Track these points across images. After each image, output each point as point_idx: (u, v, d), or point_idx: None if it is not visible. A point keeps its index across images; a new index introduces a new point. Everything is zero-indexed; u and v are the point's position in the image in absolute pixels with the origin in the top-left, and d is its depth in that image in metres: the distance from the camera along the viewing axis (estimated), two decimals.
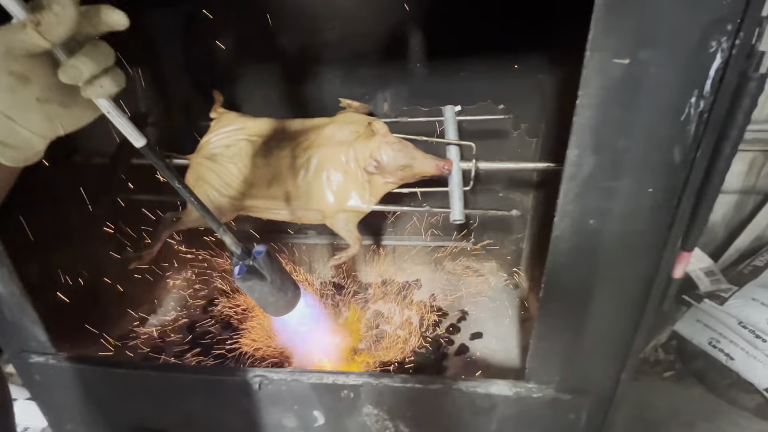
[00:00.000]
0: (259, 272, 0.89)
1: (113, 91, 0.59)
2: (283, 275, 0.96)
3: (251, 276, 0.88)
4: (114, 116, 0.63)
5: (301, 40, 1.60)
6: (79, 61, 0.53)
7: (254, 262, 0.88)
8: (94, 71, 0.55)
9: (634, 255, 0.87)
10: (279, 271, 0.95)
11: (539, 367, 1.05)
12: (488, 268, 2.07)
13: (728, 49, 0.67)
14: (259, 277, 0.89)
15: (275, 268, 0.93)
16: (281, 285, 0.95)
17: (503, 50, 1.56)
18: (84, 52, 0.54)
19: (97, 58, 0.54)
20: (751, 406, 1.94)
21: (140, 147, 0.69)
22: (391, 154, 1.25)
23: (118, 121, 0.64)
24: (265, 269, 0.89)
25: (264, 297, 0.95)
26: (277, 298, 0.96)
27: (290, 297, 0.99)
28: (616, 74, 0.71)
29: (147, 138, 0.69)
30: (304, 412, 1.23)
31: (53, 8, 0.48)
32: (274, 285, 0.92)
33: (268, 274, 0.90)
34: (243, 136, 1.39)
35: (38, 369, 1.33)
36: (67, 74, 0.54)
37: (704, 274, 1.71)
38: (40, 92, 0.55)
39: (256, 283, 0.90)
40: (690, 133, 0.74)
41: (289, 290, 0.99)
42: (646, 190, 0.80)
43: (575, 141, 0.77)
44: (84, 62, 0.53)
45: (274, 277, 0.92)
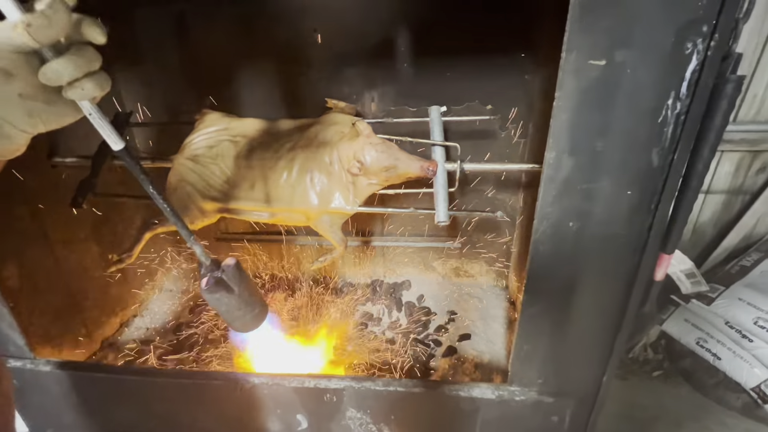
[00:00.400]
0: (227, 284, 0.87)
1: (95, 95, 0.60)
2: (251, 290, 0.95)
3: (219, 288, 0.87)
4: (95, 118, 0.64)
5: (288, 39, 1.59)
6: (60, 65, 0.54)
7: (223, 274, 0.87)
8: (76, 75, 0.56)
9: (614, 257, 0.87)
10: (247, 286, 0.93)
11: (522, 370, 1.05)
12: (477, 269, 2.06)
13: (704, 50, 0.66)
14: (227, 290, 0.88)
15: (243, 282, 0.91)
16: (248, 299, 0.94)
17: (490, 51, 1.55)
18: (68, 56, 0.55)
19: (80, 62, 0.56)
20: (738, 405, 1.95)
21: (118, 151, 0.69)
22: (374, 155, 1.23)
23: (99, 123, 0.65)
24: (234, 282, 0.88)
25: (230, 311, 0.93)
26: (244, 313, 0.95)
27: (257, 313, 0.98)
28: (593, 76, 0.71)
29: (125, 142, 0.70)
30: (287, 416, 1.22)
31: (45, 12, 0.50)
32: (241, 299, 0.91)
33: (236, 286, 0.89)
34: (226, 136, 1.37)
35: (16, 374, 1.30)
36: (45, 76, 0.55)
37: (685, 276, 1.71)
38: (23, 88, 0.56)
39: (224, 296, 0.88)
40: (667, 135, 0.73)
41: (257, 306, 0.98)
42: (625, 192, 0.79)
43: (552, 143, 0.76)
44: (65, 66, 0.55)
45: (242, 291, 0.91)
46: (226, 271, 0.87)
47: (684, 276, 1.71)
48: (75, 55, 0.55)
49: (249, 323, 0.98)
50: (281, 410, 1.21)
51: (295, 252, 2.08)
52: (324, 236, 1.36)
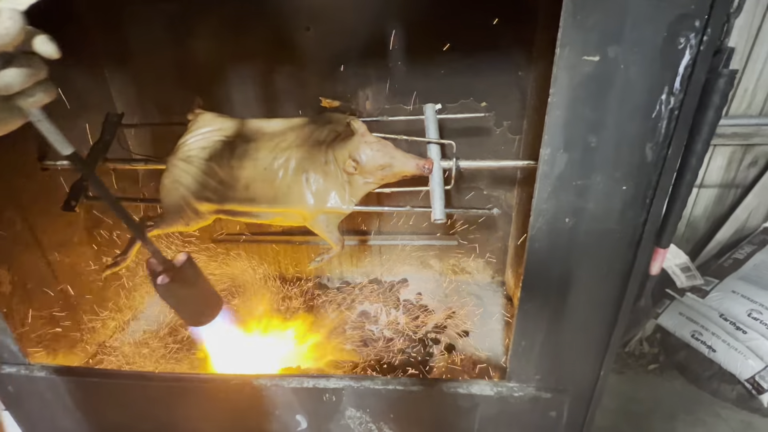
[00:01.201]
0: (181, 280, 0.88)
1: (44, 102, 0.62)
2: (204, 285, 0.96)
3: (174, 284, 0.87)
4: (43, 124, 0.66)
5: (281, 38, 1.58)
6: (11, 75, 0.56)
7: (176, 270, 0.88)
8: (26, 84, 0.57)
9: (609, 252, 0.87)
10: (200, 280, 0.94)
11: (519, 367, 1.05)
12: (474, 266, 2.07)
13: (697, 45, 0.66)
14: (180, 285, 0.88)
15: (197, 277, 0.93)
16: (202, 294, 0.95)
17: (484, 48, 1.55)
18: (18, 66, 0.56)
19: (30, 72, 0.57)
20: (732, 396, 1.98)
21: (67, 155, 0.71)
22: (370, 153, 1.23)
23: (47, 128, 0.67)
24: (188, 277, 0.89)
25: (185, 306, 0.95)
26: (198, 307, 0.96)
27: (211, 307, 0.99)
28: (586, 71, 0.71)
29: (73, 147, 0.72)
30: (285, 416, 1.21)
31: (2, 21, 0.51)
32: (195, 293, 0.92)
33: (190, 281, 0.90)
34: (220, 137, 1.36)
35: (11, 380, 1.29)
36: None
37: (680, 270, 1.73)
38: None
39: (177, 291, 0.89)
40: (661, 130, 0.74)
41: (211, 301, 0.99)
42: (620, 187, 0.80)
43: (547, 139, 0.76)
44: (16, 76, 0.56)
45: (197, 286, 0.92)
46: (179, 267, 0.88)
47: (679, 270, 1.73)
48: (25, 65, 0.57)
49: (203, 317, 0.99)
50: (280, 411, 1.20)
51: (291, 252, 2.08)
52: (321, 236, 1.35)
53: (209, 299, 0.98)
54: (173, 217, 1.34)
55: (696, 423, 1.94)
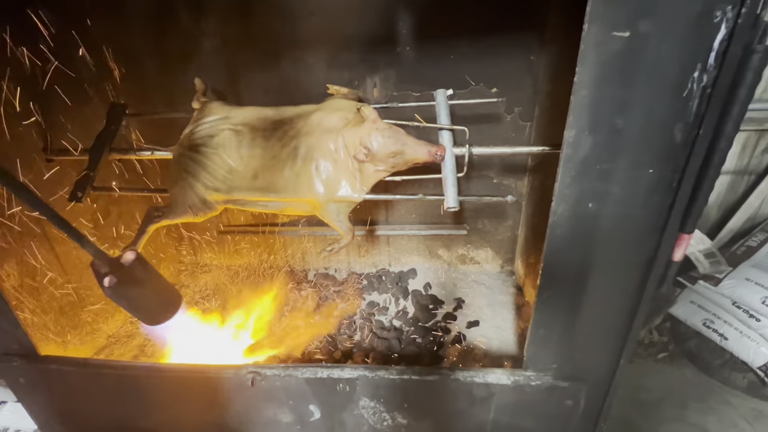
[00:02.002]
0: (131, 280, 0.86)
1: None
2: (158, 283, 0.93)
3: (122, 285, 0.85)
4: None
5: (286, 24, 1.54)
6: None
7: (123, 271, 0.85)
8: None
9: (633, 238, 0.85)
10: (153, 279, 0.92)
11: (537, 355, 1.03)
12: (483, 255, 2.05)
13: (733, 18, 0.63)
14: (132, 286, 0.86)
15: (148, 275, 0.90)
16: (156, 292, 0.93)
17: (494, 32, 1.51)
18: None
19: None
20: (743, 384, 1.97)
21: None
22: (381, 140, 1.20)
23: None
24: (138, 276, 0.87)
25: (138, 306, 0.92)
26: (153, 306, 0.93)
27: (167, 305, 0.97)
28: (615, 48, 0.67)
29: None
30: (299, 406, 1.21)
31: None
32: (147, 293, 0.90)
33: (140, 281, 0.87)
34: (227, 125, 1.33)
35: (22, 372, 1.29)
36: None
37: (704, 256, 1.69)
38: None
39: (129, 291, 0.87)
40: (692, 110, 0.71)
41: (166, 298, 0.96)
42: (646, 170, 0.77)
43: (572, 121, 0.73)
44: None
45: (148, 285, 0.89)
46: (128, 267, 0.86)
47: (702, 256, 1.69)
48: None
49: (160, 316, 0.97)
50: (293, 401, 1.20)
51: (300, 243, 2.06)
52: (331, 226, 1.33)
53: (165, 297, 0.95)
54: (181, 208, 1.32)
55: (707, 411, 1.93)
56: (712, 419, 1.90)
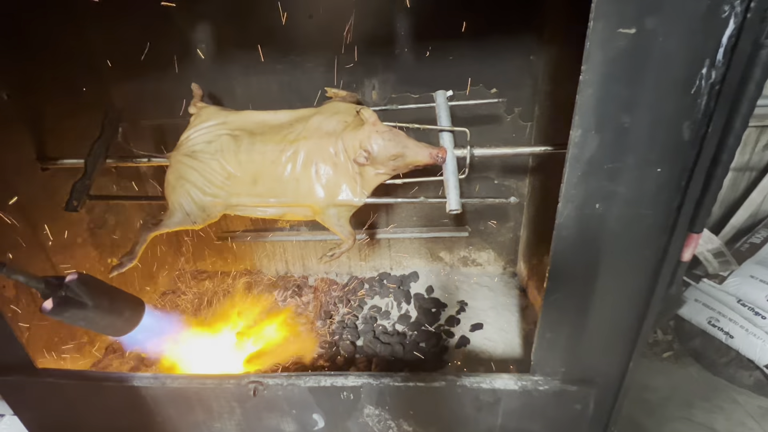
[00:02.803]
0: (75, 301, 0.84)
1: None
2: (109, 297, 0.92)
3: (66, 307, 0.83)
4: None
5: (283, 27, 1.52)
6: None
7: (67, 291, 0.84)
8: None
9: (641, 239, 0.83)
10: (102, 294, 0.90)
11: (544, 360, 1.02)
12: (485, 257, 2.03)
13: (742, 13, 0.62)
14: (77, 306, 0.85)
15: (96, 292, 0.88)
16: (109, 307, 0.91)
17: (493, 32, 1.50)
18: None
19: None
20: (750, 382, 1.95)
21: None
22: (381, 143, 1.18)
23: None
24: (83, 296, 0.85)
25: (94, 322, 0.91)
26: (111, 320, 0.92)
27: (127, 315, 0.95)
28: (622, 45, 0.66)
29: None
30: (302, 415, 1.19)
31: None
32: (99, 309, 0.88)
33: (87, 299, 0.86)
34: (225, 130, 1.31)
35: (19, 385, 1.26)
36: None
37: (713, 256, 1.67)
38: None
39: (78, 312, 0.85)
40: (700, 107, 0.69)
41: (125, 309, 0.95)
42: (654, 170, 0.75)
43: (578, 120, 0.72)
44: None
45: (97, 302, 0.88)
46: (71, 288, 0.84)
47: (711, 255, 1.67)
48: None
49: (122, 327, 0.96)
50: (296, 410, 1.17)
51: (300, 248, 2.04)
52: (331, 230, 1.31)
53: (121, 309, 0.94)
54: (179, 215, 1.30)
55: (713, 410, 1.91)
56: (720, 418, 1.88)
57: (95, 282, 0.90)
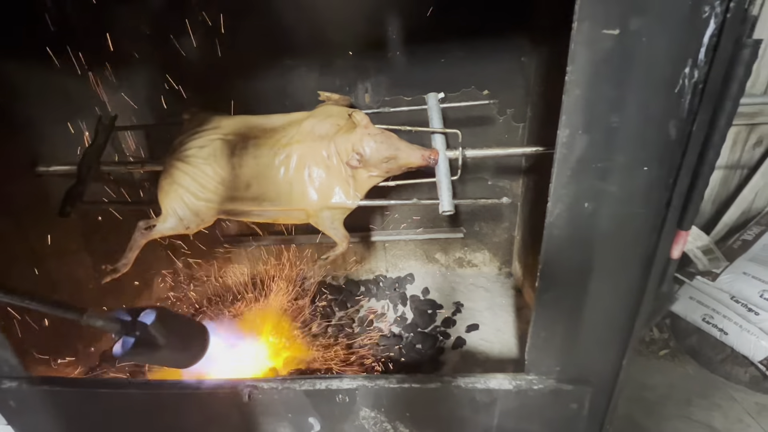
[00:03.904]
0: (150, 342, 0.78)
1: None
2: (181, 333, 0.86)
3: (140, 349, 0.77)
4: None
5: (274, 31, 1.53)
6: None
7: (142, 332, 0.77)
8: None
9: (631, 237, 0.84)
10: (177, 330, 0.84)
11: (538, 359, 1.02)
12: (481, 258, 2.04)
13: (722, 13, 0.63)
14: (151, 347, 0.78)
15: (172, 329, 0.82)
16: (179, 345, 0.85)
17: (484, 34, 1.51)
18: None
19: None
20: (746, 379, 1.96)
21: None
22: (374, 146, 1.19)
23: None
24: (159, 335, 0.79)
25: (162, 361, 0.86)
26: (179, 357, 0.88)
27: (195, 350, 0.91)
28: (606, 46, 0.67)
29: None
30: (298, 419, 1.18)
31: None
32: (171, 348, 0.82)
33: (162, 339, 0.79)
34: (217, 135, 1.31)
35: (12, 394, 1.25)
36: None
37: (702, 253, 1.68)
38: None
39: (149, 354, 0.79)
40: (685, 106, 0.70)
41: (194, 343, 0.90)
42: (642, 168, 0.76)
43: (566, 120, 0.73)
44: None
45: (169, 341, 0.81)
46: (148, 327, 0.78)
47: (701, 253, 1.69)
48: None
49: (187, 361, 0.91)
50: (292, 414, 1.17)
51: (295, 251, 2.04)
52: (325, 233, 1.31)
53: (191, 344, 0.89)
54: (172, 220, 1.30)
55: (711, 407, 1.92)
56: (717, 415, 1.89)
57: (171, 318, 0.83)
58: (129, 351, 0.76)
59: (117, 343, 0.76)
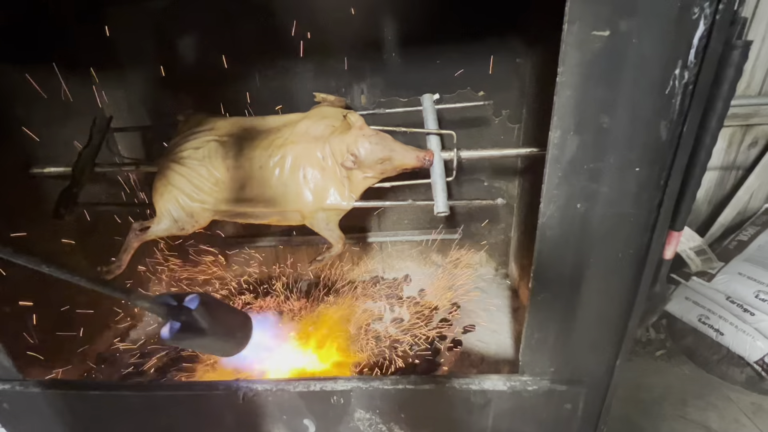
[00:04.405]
0: (194, 326, 0.79)
1: None
2: (224, 319, 0.86)
3: (186, 333, 0.77)
4: None
5: (270, 33, 1.53)
6: None
7: (187, 317, 0.78)
8: None
9: (623, 238, 0.84)
10: (220, 316, 0.85)
11: (532, 360, 1.02)
12: (477, 259, 2.04)
13: (711, 15, 0.63)
14: (196, 332, 0.79)
15: (215, 315, 0.83)
16: (224, 330, 0.85)
17: (479, 35, 1.51)
18: None
19: None
20: (742, 379, 1.97)
21: None
22: (368, 147, 1.19)
23: None
24: (202, 320, 0.79)
25: (207, 347, 0.86)
26: (224, 343, 0.87)
27: (239, 337, 0.90)
28: (597, 48, 0.67)
29: None
30: (293, 421, 1.18)
31: None
32: (216, 335, 0.83)
33: (206, 325, 0.80)
34: (213, 136, 1.31)
35: (5, 396, 1.24)
36: None
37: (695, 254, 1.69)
38: None
39: (194, 339, 0.80)
40: (675, 107, 0.70)
41: (237, 330, 0.90)
42: (634, 169, 0.76)
43: (557, 122, 0.73)
44: None
45: (214, 326, 0.82)
46: (192, 312, 0.79)
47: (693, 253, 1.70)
48: None
49: (232, 349, 0.91)
50: (287, 416, 1.17)
51: (290, 253, 2.04)
52: (321, 234, 1.31)
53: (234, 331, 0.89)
54: (167, 222, 1.30)
55: (707, 407, 1.92)
56: (713, 416, 1.90)
57: (214, 303, 0.84)
58: (176, 335, 0.77)
59: (165, 326, 0.77)
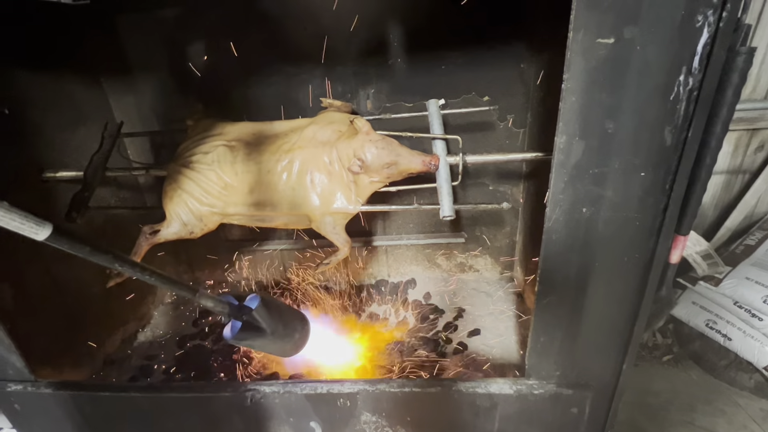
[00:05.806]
0: (255, 326, 0.80)
1: None
2: (284, 320, 0.87)
3: (247, 333, 0.79)
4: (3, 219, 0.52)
5: (278, 40, 1.56)
6: None
7: (248, 317, 0.79)
8: None
9: (629, 242, 0.84)
10: (280, 317, 0.86)
11: (539, 364, 1.02)
12: (483, 263, 2.04)
13: (715, 22, 0.64)
14: (256, 332, 0.81)
15: (275, 316, 0.84)
16: (283, 332, 0.87)
17: (484, 41, 1.53)
18: None
19: None
20: (750, 385, 1.95)
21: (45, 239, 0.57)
22: (375, 152, 1.21)
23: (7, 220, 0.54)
24: (262, 321, 0.81)
25: (266, 347, 0.87)
26: (283, 344, 0.88)
27: (297, 338, 0.92)
28: (601, 55, 0.68)
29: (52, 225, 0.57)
30: (299, 423, 1.19)
31: None
32: (275, 334, 0.84)
33: (267, 325, 0.82)
34: (221, 141, 1.33)
35: (17, 397, 1.26)
36: None
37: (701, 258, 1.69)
38: None
39: (255, 339, 0.81)
40: (680, 112, 0.71)
41: (296, 331, 0.91)
42: (639, 173, 0.77)
43: (562, 127, 0.74)
44: None
45: (274, 327, 0.83)
46: (252, 312, 0.80)
47: (700, 258, 1.69)
48: None
49: (291, 350, 0.92)
50: (294, 418, 1.17)
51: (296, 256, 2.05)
52: (327, 238, 1.33)
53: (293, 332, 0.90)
54: (176, 225, 1.32)
55: (715, 413, 1.90)
56: (721, 422, 1.88)
57: (274, 304, 0.86)
58: (237, 335, 0.78)
59: (226, 326, 0.78)
